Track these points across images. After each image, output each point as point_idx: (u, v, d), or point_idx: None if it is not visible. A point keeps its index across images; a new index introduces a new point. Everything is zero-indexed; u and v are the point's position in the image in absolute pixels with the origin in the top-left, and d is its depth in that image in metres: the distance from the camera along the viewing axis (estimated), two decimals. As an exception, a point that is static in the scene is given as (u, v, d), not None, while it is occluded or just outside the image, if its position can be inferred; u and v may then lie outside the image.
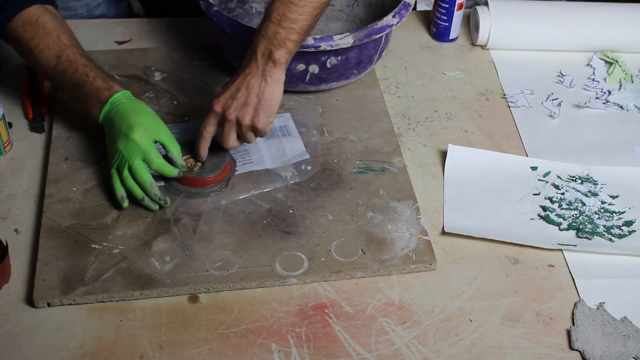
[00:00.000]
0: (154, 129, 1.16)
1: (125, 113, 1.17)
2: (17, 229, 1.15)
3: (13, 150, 1.28)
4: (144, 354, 1.01)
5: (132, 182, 1.15)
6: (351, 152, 1.28)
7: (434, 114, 1.38)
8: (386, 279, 1.12)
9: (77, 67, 1.21)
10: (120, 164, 1.15)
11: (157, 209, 1.17)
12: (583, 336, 1.05)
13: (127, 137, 1.15)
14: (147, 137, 1.15)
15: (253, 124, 1.14)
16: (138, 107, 1.19)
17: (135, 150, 1.14)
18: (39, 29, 1.22)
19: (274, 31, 1.12)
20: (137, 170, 1.14)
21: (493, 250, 1.16)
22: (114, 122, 1.17)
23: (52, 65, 1.22)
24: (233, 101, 1.13)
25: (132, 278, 1.08)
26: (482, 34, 1.50)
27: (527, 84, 1.46)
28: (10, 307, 1.06)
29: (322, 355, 1.02)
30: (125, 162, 1.14)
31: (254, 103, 1.13)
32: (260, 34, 1.13)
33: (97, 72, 1.21)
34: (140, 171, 1.14)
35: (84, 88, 1.20)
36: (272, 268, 1.10)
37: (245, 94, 1.13)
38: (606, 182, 1.25)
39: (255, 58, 1.13)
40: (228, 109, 1.14)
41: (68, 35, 1.24)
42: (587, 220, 1.20)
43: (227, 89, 1.15)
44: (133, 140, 1.14)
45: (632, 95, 1.44)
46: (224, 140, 1.17)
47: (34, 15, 1.23)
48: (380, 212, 1.19)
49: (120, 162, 1.15)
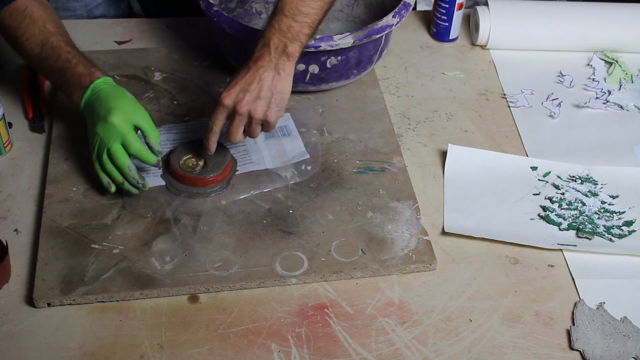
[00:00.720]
0: (133, 114, 1.15)
1: (105, 98, 1.16)
2: (17, 229, 1.15)
3: (13, 150, 1.28)
4: (144, 354, 1.01)
5: (112, 166, 1.14)
6: (351, 152, 1.28)
7: (434, 114, 1.38)
8: (386, 279, 1.12)
9: (60, 53, 1.21)
10: (99, 148, 1.15)
11: (137, 193, 1.17)
12: (583, 336, 1.05)
13: (105, 121, 1.14)
14: (126, 121, 1.14)
15: (265, 117, 1.14)
16: (118, 92, 1.18)
17: (113, 134, 1.13)
18: (26, 18, 1.22)
19: (287, 25, 1.11)
20: (115, 153, 1.13)
21: (493, 250, 1.16)
22: (94, 107, 1.17)
23: (37, 53, 1.22)
24: (245, 94, 1.12)
25: (132, 278, 1.08)
26: (482, 34, 1.50)
27: (527, 84, 1.46)
28: (10, 307, 1.06)
29: (322, 355, 1.02)
30: (104, 147, 1.14)
31: (267, 96, 1.13)
32: (272, 27, 1.12)
33: (79, 59, 1.21)
34: (119, 154, 1.13)
35: (67, 74, 1.20)
36: (272, 268, 1.10)
37: (258, 87, 1.12)
38: (606, 182, 1.25)
39: (268, 51, 1.12)
40: (239, 102, 1.12)
41: (54, 24, 1.24)
42: (587, 220, 1.20)
43: (237, 82, 1.13)
44: (111, 123, 1.13)
45: (632, 95, 1.44)
46: (231, 134, 1.16)
47: (22, 5, 1.23)
48: (380, 212, 1.19)
49: (100, 146, 1.15)
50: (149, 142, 1.16)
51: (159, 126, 1.29)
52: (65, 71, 1.20)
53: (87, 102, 1.18)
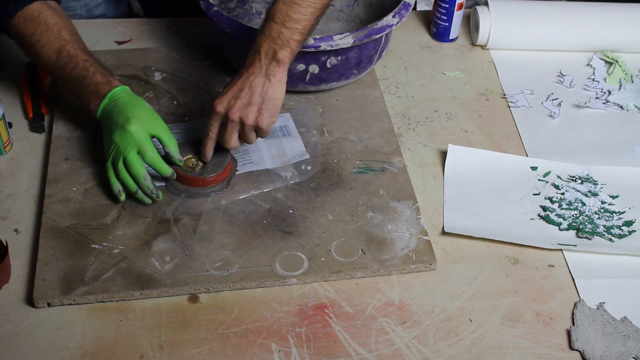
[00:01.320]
0: (150, 123, 1.17)
1: (123, 107, 1.17)
2: (17, 229, 1.15)
3: (13, 150, 1.28)
4: (144, 354, 1.01)
5: (127, 174, 1.15)
6: (351, 152, 1.28)
7: (434, 114, 1.38)
8: (386, 279, 1.12)
9: (77, 62, 1.21)
10: (115, 156, 1.16)
11: (149, 203, 1.17)
12: (583, 336, 1.05)
13: (123, 129, 1.15)
14: (143, 130, 1.15)
15: (257, 123, 1.14)
16: (136, 101, 1.19)
17: (130, 142, 1.14)
18: (40, 25, 1.23)
19: (277, 31, 1.12)
20: (132, 162, 1.14)
21: (493, 250, 1.16)
22: (111, 115, 1.17)
23: (53, 61, 1.22)
24: (236, 101, 1.13)
25: (132, 278, 1.08)
26: (482, 34, 1.50)
27: (527, 84, 1.46)
28: (10, 307, 1.06)
29: (322, 355, 1.02)
30: (120, 155, 1.15)
31: (257, 103, 1.13)
32: (263, 34, 1.13)
33: (97, 67, 1.22)
34: (135, 163, 1.14)
35: (84, 82, 1.20)
36: (272, 268, 1.10)
37: (249, 94, 1.13)
38: (606, 182, 1.25)
39: (258, 58, 1.13)
40: (231, 109, 1.14)
41: (69, 31, 1.25)
42: (587, 220, 1.20)
43: (230, 89, 1.15)
44: (129, 132, 1.14)
45: (632, 95, 1.44)
46: (225, 140, 1.17)
47: (35, 11, 1.23)
48: (380, 212, 1.19)
49: (116, 154, 1.16)
50: (168, 152, 1.17)
51: (159, 126, 1.30)
52: (82, 79, 1.21)
53: (104, 110, 1.19)
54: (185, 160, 1.22)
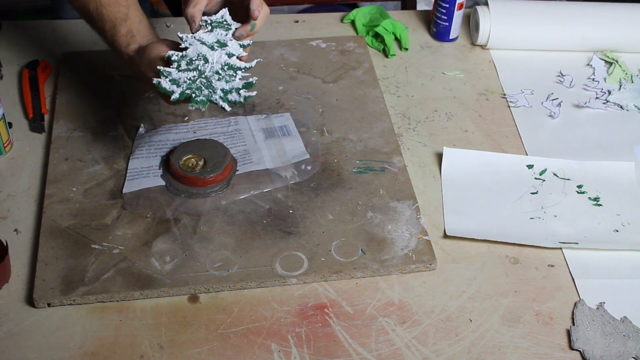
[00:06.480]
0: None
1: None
2: (17, 229, 1.15)
3: (13, 150, 1.28)
4: (144, 354, 1.01)
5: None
6: (351, 152, 1.28)
7: (434, 113, 1.38)
8: (386, 279, 1.12)
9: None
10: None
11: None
12: (583, 336, 1.05)
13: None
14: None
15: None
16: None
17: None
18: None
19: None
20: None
21: (493, 250, 1.16)
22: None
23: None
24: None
25: (132, 278, 1.08)
26: (482, 34, 1.50)
27: (527, 84, 1.46)
28: (10, 307, 1.06)
29: (322, 355, 1.02)
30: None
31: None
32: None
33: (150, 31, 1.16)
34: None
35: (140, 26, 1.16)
36: (272, 268, 1.10)
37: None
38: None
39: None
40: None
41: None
42: (204, 84, 1.00)
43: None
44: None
45: (632, 95, 1.44)
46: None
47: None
48: (380, 212, 1.19)
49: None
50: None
51: (159, 126, 1.30)
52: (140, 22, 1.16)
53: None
54: (185, 160, 1.22)
